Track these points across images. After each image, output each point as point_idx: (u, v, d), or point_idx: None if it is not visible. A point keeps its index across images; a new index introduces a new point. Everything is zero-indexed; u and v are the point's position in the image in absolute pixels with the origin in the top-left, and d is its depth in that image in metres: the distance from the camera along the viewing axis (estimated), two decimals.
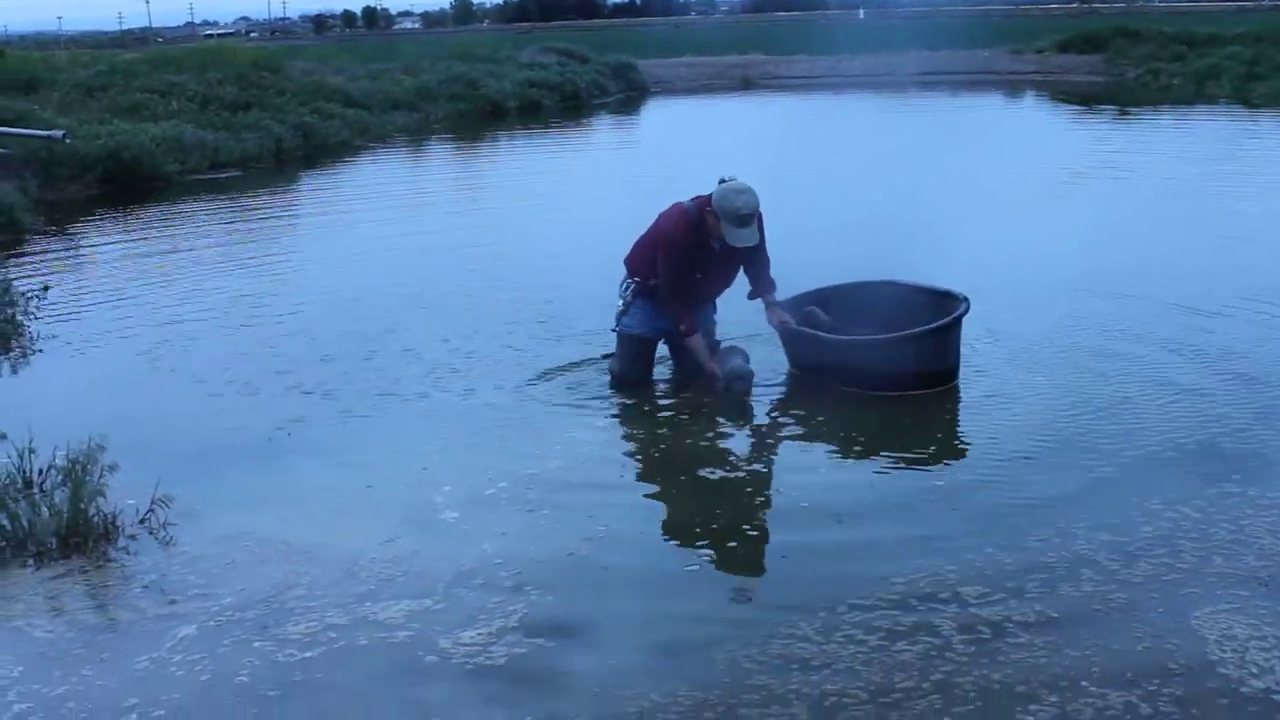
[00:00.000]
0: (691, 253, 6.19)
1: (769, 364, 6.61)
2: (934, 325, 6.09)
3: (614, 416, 6.16)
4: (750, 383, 6.25)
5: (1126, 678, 3.61)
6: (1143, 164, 14.94)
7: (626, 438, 5.90)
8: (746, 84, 32.60)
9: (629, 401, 6.30)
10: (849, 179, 14.03)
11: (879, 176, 14.03)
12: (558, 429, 5.87)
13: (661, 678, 3.69)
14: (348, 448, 5.73)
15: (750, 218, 5.97)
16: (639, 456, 5.65)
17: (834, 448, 5.61)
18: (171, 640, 3.98)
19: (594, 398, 6.37)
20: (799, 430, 5.83)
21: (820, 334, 6.37)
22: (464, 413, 6.18)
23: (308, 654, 3.88)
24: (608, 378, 6.55)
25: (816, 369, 6.43)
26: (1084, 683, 3.59)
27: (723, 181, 6.10)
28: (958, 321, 6.12)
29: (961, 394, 6.20)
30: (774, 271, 6.46)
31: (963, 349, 6.34)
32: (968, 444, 5.65)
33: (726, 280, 6.48)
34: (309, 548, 4.62)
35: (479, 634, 3.94)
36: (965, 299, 6.18)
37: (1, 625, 4.14)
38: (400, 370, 6.90)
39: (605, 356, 6.74)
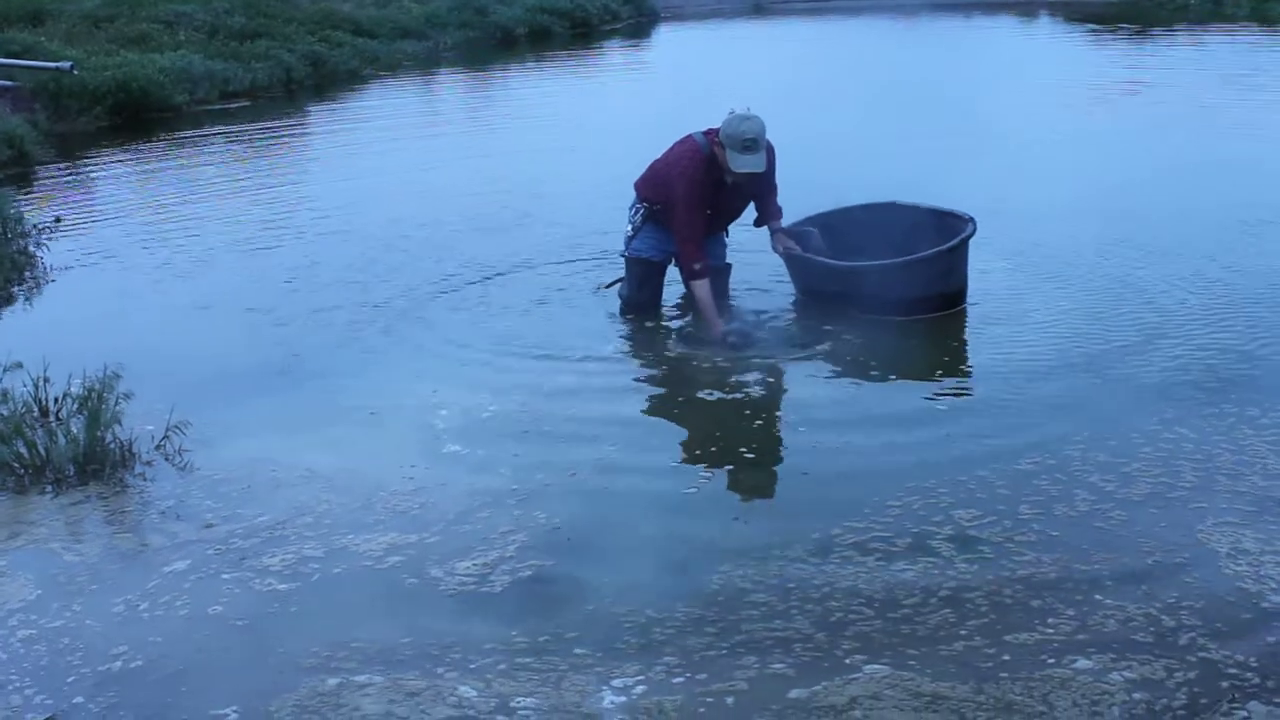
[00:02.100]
0: (707, 192, 6.16)
1: (770, 292, 6.65)
2: (939, 249, 6.06)
3: (620, 340, 6.21)
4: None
5: (1142, 591, 3.65)
6: (1162, 83, 14.79)
7: (631, 361, 5.94)
8: (758, 8, 32.23)
9: (636, 325, 6.36)
10: (865, 102, 13.92)
11: (895, 99, 13.93)
12: (566, 354, 5.93)
13: (658, 596, 3.76)
14: (356, 374, 5.80)
15: (754, 143, 5.94)
16: (644, 380, 5.70)
17: (835, 372, 5.65)
18: (176, 569, 4.04)
19: (601, 322, 6.42)
20: (802, 355, 5.86)
21: (826, 260, 6.36)
22: (473, 339, 6.22)
23: (293, 584, 3.91)
24: (615, 302, 6.59)
25: (823, 295, 6.45)
26: (1098, 596, 3.63)
27: (732, 113, 6.08)
28: (964, 243, 6.10)
29: (970, 317, 6.22)
30: (788, 195, 6.45)
31: (975, 271, 6.33)
32: (970, 368, 5.69)
33: (736, 212, 6.47)
34: (319, 474, 4.69)
35: (481, 560, 4.00)
36: (971, 219, 6.16)
37: (39, 547, 4.23)
38: (409, 296, 6.96)
39: (612, 284, 6.76)
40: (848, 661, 3.38)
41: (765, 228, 6.49)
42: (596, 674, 3.36)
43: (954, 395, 5.37)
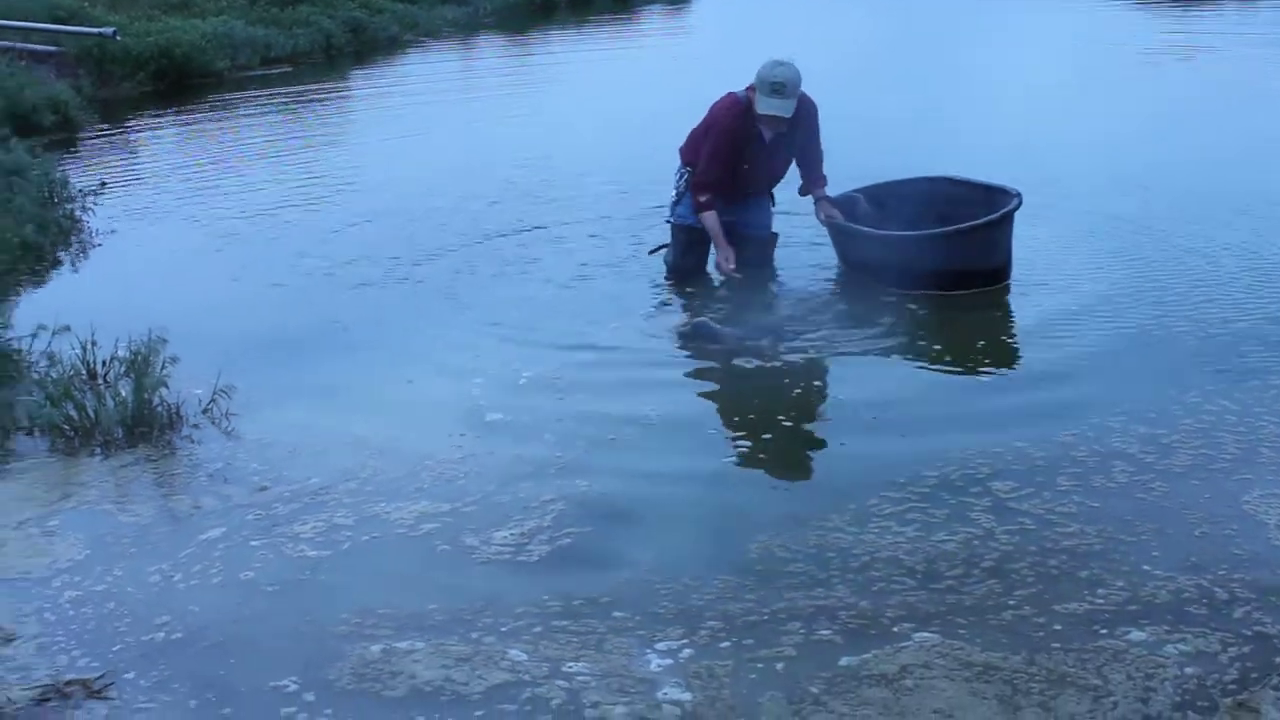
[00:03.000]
0: (740, 141, 6.18)
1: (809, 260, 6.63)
2: (983, 220, 5.99)
3: (663, 307, 6.22)
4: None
5: (1191, 563, 3.62)
6: (1215, 48, 14.60)
7: (673, 329, 5.91)
8: None
9: (679, 292, 6.37)
10: (910, 70, 13.82)
11: (941, 68, 13.82)
12: (608, 322, 5.94)
13: (695, 563, 3.76)
14: (398, 343, 5.81)
15: (783, 87, 5.95)
16: (684, 348, 5.68)
17: (875, 345, 5.63)
18: (219, 532, 4.06)
19: (645, 289, 6.44)
20: (841, 326, 5.84)
21: (868, 230, 6.32)
22: (515, 308, 6.23)
23: (325, 551, 3.91)
24: (660, 269, 6.61)
25: (865, 267, 6.41)
26: (1146, 567, 3.61)
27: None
28: (1008, 217, 6.02)
29: (1014, 289, 6.18)
30: (830, 165, 6.43)
31: (1021, 243, 6.27)
32: (1011, 341, 5.67)
33: (775, 171, 6.45)
34: (364, 440, 4.72)
35: (519, 529, 4.00)
36: (1018, 194, 6.10)
37: (90, 508, 4.26)
38: (450, 265, 6.99)
39: (656, 250, 6.76)
40: (895, 630, 3.36)
41: (810, 196, 6.47)
42: (638, 637, 3.37)
43: (993, 367, 5.36)
